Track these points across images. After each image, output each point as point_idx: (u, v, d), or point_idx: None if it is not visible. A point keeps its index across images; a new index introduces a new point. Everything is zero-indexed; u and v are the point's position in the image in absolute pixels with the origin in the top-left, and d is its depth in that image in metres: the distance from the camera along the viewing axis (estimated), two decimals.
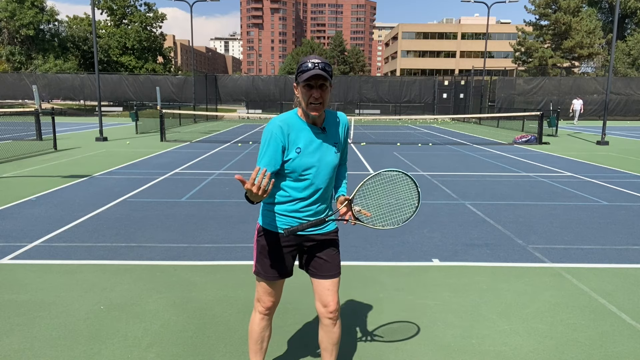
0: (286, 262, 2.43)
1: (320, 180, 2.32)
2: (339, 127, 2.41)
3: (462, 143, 17.55)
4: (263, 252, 2.43)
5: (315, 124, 2.31)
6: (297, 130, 2.28)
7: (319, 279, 2.46)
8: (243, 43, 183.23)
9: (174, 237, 5.50)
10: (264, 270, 2.43)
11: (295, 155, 2.26)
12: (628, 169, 11.15)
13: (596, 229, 5.99)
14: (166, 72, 57.45)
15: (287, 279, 2.52)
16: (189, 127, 25.46)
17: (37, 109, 15.84)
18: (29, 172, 10.01)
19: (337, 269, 2.47)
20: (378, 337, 3.28)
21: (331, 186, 2.42)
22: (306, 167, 2.27)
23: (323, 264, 2.44)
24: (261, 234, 2.44)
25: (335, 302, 2.47)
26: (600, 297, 3.93)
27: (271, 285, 2.47)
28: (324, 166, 2.31)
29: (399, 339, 3.26)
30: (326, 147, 2.33)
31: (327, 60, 2.82)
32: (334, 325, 2.49)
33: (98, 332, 3.31)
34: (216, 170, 10.53)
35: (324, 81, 2.18)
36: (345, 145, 2.52)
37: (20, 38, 49.14)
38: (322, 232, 2.42)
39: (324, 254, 2.44)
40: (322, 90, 2.19)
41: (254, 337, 2.55)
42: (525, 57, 52.76)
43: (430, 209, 6.95)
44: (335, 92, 39.22)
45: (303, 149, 2.27)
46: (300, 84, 2.19)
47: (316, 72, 2.13)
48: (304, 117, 2.30)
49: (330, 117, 2.38)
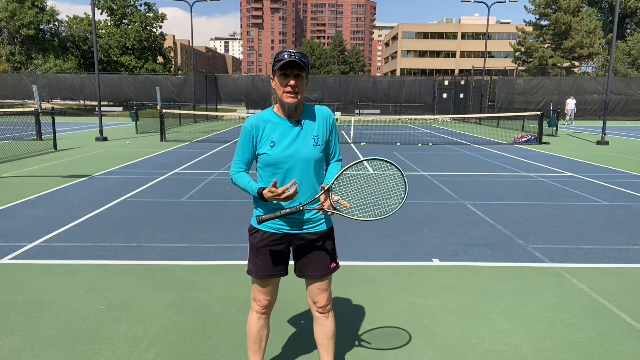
0: (277, 261, 2.43)
1: (297, 173, 2.31)
2: (319, 121, 2.38)
3: (462, 143, 17.55)
4: (253, 250, 2.45)
5: (291, 118, 2.33)
6: (272, 124, 2.32)
7: (308, 278, 2.48)
8: (243, 43, 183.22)
9: (174, 237, 5.50)
10: (255, 268, 2.44)
11: (269, 148, 2.30)
12: (628, 168, 11.15)
13: (596, 229, 5.99)
14: (166, 72, 57.48)
15: (284, 278, 2.52)
16: (188, 127, 25.46)
17: (37, 109, 15.85)
18: (29, 172, 10.01)
19: (327, 269, 2.46)
20: (378, 337, 3.28)
21: (313, 180, 2.37)
22: (281, 161, 2.29)
23: (311, 264, 2.44)
24: (251, 233, 2.47)
25: (325, 299, 2.48)
26: (600, 297, 3.93)
27: (263, 284, 2.47)
28: (301, 159, 2.31)
29: (399, 339, 3.25)
30: (302, 140, 2.32)
31: (327, 60, 2.82)
32: (327, 319, 2.52)
33: (98, 332, 3.31)
34: (216, 170, 10.53)
35: (299, 70, 2.21)
36: (333, 140, 2.47)
37: (20, 38, 49.17)
38: (312, 231, 2.41)
39: (313, 254, 2.43)
40: (297, 79, 2.22)
41: (251, 336, 2.55)
42: (525, 57, 52.77)
43: (430, 209, 6.95)
44: (335, 92, 39.24)
45: (277, 142, 2.29)
46: (277, 73, 2.23)
47: (291, 59, 2.17)
48: (280, 112, 2.34)
49: (309, 111, 2.38)
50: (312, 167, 2.35)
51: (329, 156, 2.50)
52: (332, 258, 2.49)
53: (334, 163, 2.52)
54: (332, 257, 2.49)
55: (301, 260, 2.46)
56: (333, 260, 2.49)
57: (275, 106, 2.37)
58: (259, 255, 2.42)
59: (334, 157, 2.51)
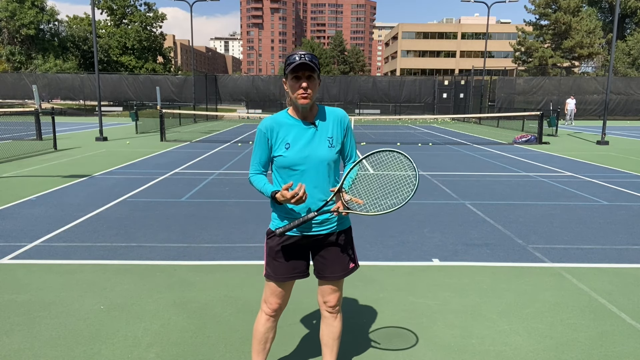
0: (295, 263, 2.42)
1: (313, 175, 2.31)
2: (334, 122, 2.38)
3: (462, 143, 17.55)
4: (271, 253, 2.43)
5: (306, 119, 2.33)
6: (287, 126, 2.33)
7: (321, 279, 2.48)
8: (243, 43, 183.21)
9: (174, 237, 5.50)
10: (274, 272, 2.43)
11: (284, 150, 2.30)
12: (628, 168, 11.15)
13: (596, 229, 5.99)
14: (166, 72, 57.49)
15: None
16: (189, 127, 25.46)
17: (37, 108, 15.85)
18: (29, 172, 10.01)
19: (346, 269, 2.45)
20: (378, 337, 3.28)
21: (329, 182, 2.37)
22: (296, 162, 2.29)
23: (330, 265, 2.43)
24: (269, 236, 2.45)
25: (336, 299, 2.49)
26: (600, 297, 3.93)
27: (280, 287, 2.45)
28: (316, 161, 2.31)
29: (399, 339, 3.25)
30: (318, 142, 2.32)
31: (327, 60, 2.83)
32: (335, 319, 2.52)
33: (98, 332, 3.31)
34: (216, 170, 10.53)
35: (311, 72, 2.23)
36: (349, 141, 2.45)
37: (20, 38, 49.16)
38: (329, 231, 2.40)
39: (332, 255, 2.42)
40: (309, 81, 2.24)
41: (257, 337, 2.55)
42: (525, 57, 52.76)
43: (430, 209, 6.95)
44: (335, 92, 39.24)
45: (292, 144, 2.30)
46: (289, 76, 2.24)
47: (303, 62, 2.18)
48: (295, 114, 2.34)
49: (323, 112, 2.39)
50: (327, 169, 2.34)
51: (345, 158, 2.49)
52: (352, 258, 2.48)
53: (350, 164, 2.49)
54: (352, 257, 2.48)
55: (320, 262, 2.45)
56: (352, 261, 2.48)
57: (289, 108, 2.38)
58: (278, 258, 2.41)
59: (350, 159, 2.50)
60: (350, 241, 2.50)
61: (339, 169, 2.46)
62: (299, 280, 2.49)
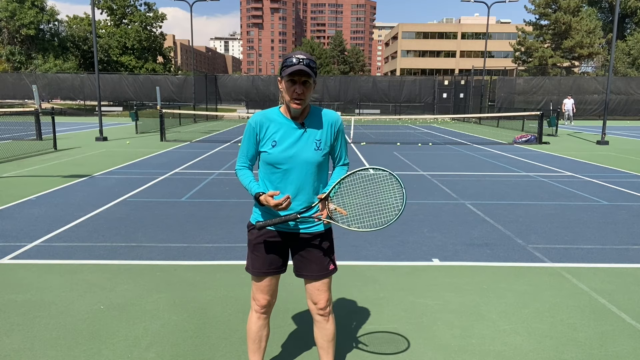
0: (273, 259, 2.42)
1: (296, 176, 2.31)
2: (325, 125, 2.37)
3: (462, 143, 17.55)
4: (250, 246, 2.47)
5: (296, 120, 2.33)
6: (276, 124, 2.33)
7: (307, 279, 2.48)
8: (243, 43, 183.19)
9: (174, 237, 5.50)
10: (252, 265, 2.46)
11: (270, 148, 2.31)
12: (628, 168, 11.15)
13: (596, 228, 5.99)
14: (166, 72, 57.48)
15: (285, 278, 2.52)
16: (189, 127, 25.46)
17: (37, 108, 15.84)
18: (29, 172, 10.01)
19: (325, 270, 2.44)
20: (378, 337, 3.28)
21: (313, 184, 2.36)
22: (280, 161, 2.30)
23: (309, 264, 2.43)
24: (249, 229, 2.48)
25: (325, 300, 2.47)
26: (600, 297, 3.93)
27: (260, 282, 2.47)
28: (300, 162, 2.30)
29: (399, 339, 3.25)
30: (305, 143, 2.32)
31: (327, 60, 2.82)
32: (327, 322, 2.51)
33: (98, 332, 3.31)
34: (216, 170, 10.53)
35: (307, 78, 2.22)
36: (339, 144, 2.45)
37: (20, 38, 49.16)
38: (309, 231, 2.40)
39: (311, 255, 2.43)
40: (304, 86, 2.23)
41: (251, 336, 2.56)
42: (525, 56, 52.77)
43: (430, 209, 6.95)
44: (335, 92, 39.24)
45: (278, 142, 2.30)
46: (284, 78, 2.23)
47: (300, 68, 2.17)
48: (286, 112, 2.34)
49: (315, 114, 2.37)
50: (312, 171, 2.34)
51: (334, 159, 2.49)
52: (331, 260, 2.48)
53: (340, 167, 2.50)
54: (331, 258, 2.48)
55: (299, 260, 2.46)
56: (332, 262, 2.48)
57: (282, 106, 2.38)
58: (256, 251, 2.44)
59: (339, 162, 2.50)
60: (331, 242, 2.49)
61: (326, 171, 2.46)
62: (296, 282, 2.49)
